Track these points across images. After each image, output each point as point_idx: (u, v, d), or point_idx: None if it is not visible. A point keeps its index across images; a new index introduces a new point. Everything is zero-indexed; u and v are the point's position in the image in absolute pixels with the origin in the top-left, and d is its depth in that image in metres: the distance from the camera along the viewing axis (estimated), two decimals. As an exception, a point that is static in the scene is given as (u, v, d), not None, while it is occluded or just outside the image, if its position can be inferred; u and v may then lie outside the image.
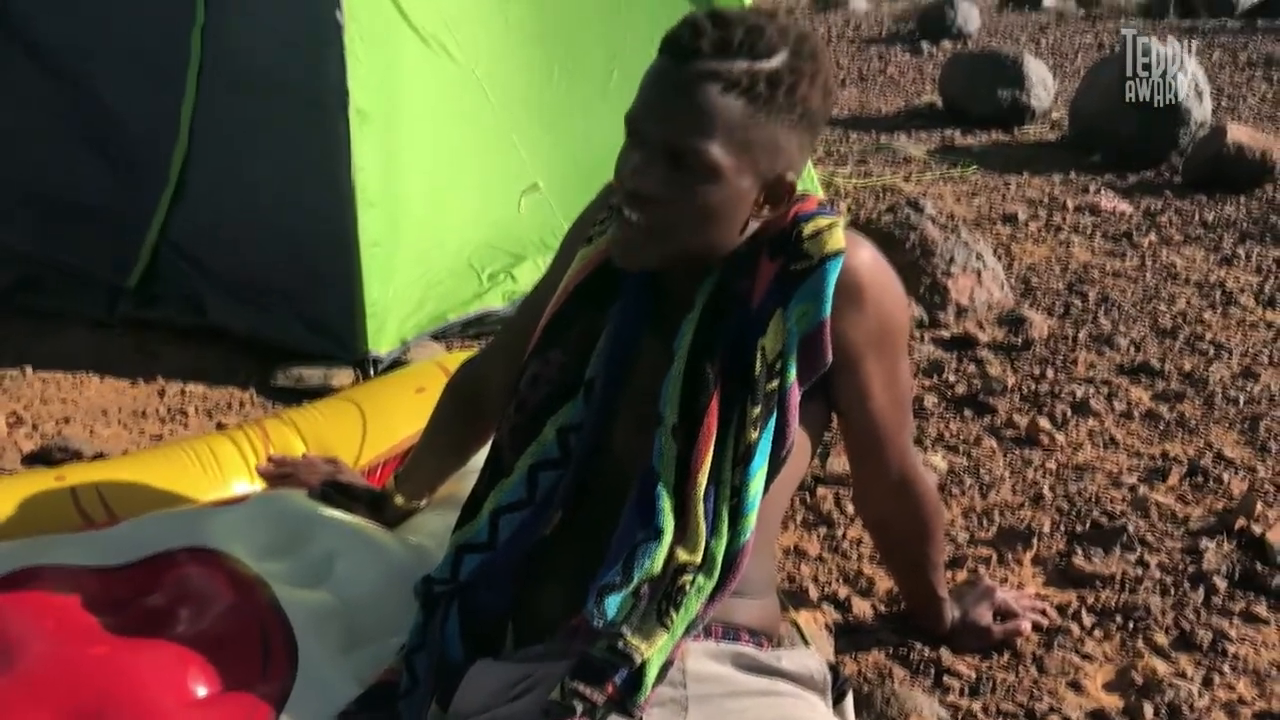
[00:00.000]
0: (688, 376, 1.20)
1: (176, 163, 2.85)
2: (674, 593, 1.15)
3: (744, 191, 1.18)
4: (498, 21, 2.99)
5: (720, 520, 1.17)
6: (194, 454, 1.64)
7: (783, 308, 1.21)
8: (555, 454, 1.27)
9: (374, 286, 2.61)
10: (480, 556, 1.27)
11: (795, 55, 1.15)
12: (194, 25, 2.80)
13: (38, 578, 1.30)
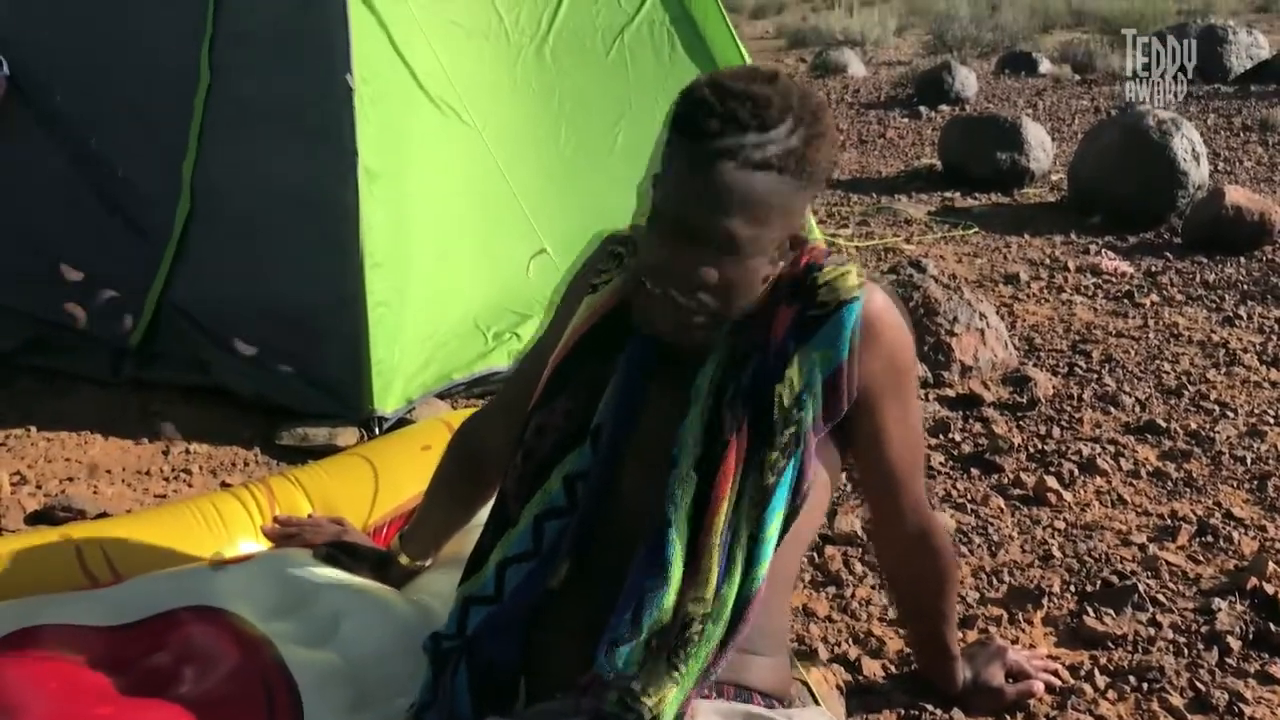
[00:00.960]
0: (706, 421, 1.21)
1: (179, 223, 2.88)
2: (683, 642, 1.14)
3: (764, 258, 1.21)
4: (506, 83, 3.05)
5: (734, 565, 1.17)
6: (199, 513, 1.63)
7: (801, 353, 1.23)
8: (562, 502, 1.27)
9: (380, 346, 2.62)
10: (487, 609, 1.27)
11: (800, 121, 1.17)
12: (198, 87, 2.85)
13: (41, 637, 1.29)
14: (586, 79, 3.22)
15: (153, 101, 2.95)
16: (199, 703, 1.24)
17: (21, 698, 1.21)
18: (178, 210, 2.87)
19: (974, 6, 13.71)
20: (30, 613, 1.33)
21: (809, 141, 1.18)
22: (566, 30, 3.20)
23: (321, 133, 2.69)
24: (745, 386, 1.22)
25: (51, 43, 3.02)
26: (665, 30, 3.36)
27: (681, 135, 1.17)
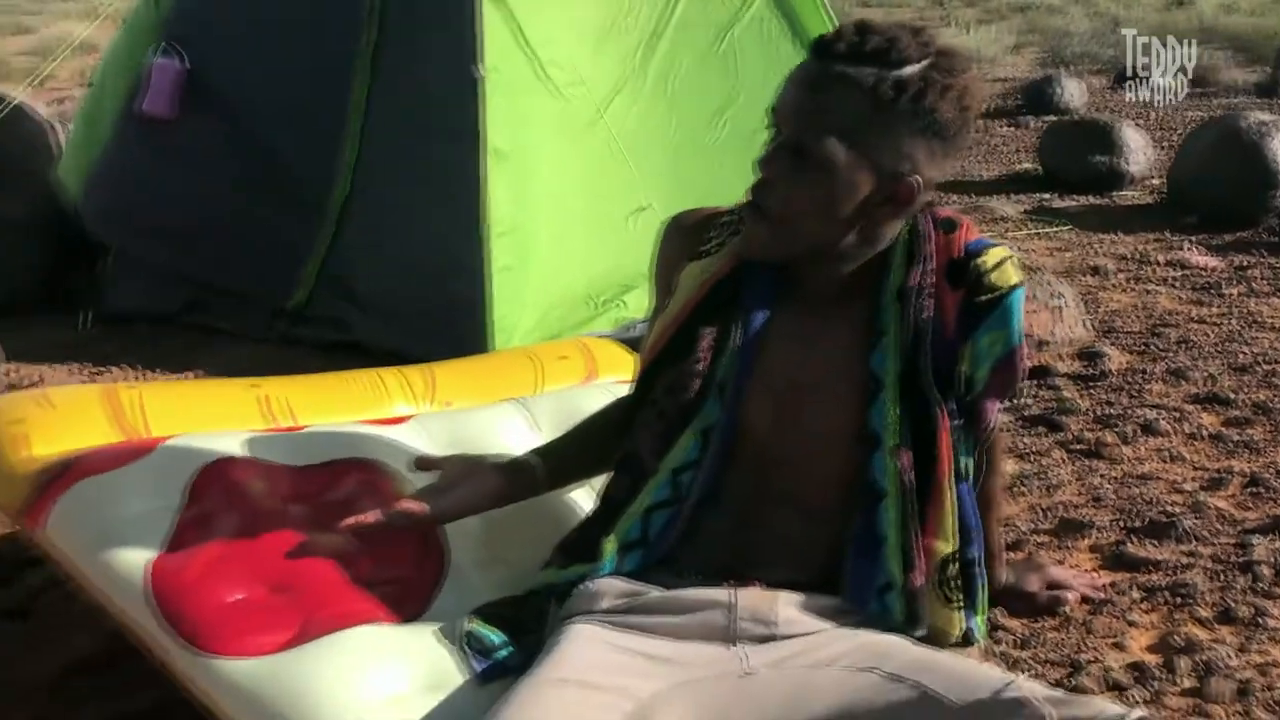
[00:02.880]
0: (897, 399, 1.34)
1: (338, 200, 3.26)
2: (945, 580, 1.36)
3: (858, 188, 1.28)
4: (621, 73, 3.35)
5: None
6: (368, 380, 1.96)
7: (971, 337, 1.33)
8: (695, 455, 1.40)
9: (501, 306, 2.95)
10: (639, 553, 1.41)
11: (929, 67, 1.25)
12: (355, 80, 3.23)
13: (239, 466, 1.60)
14: (697, 71, 3.50)
15: (315, 93, 3.33)
16: (365, 535, 1.54)
17: (221, 512, 1.52)
18: (336, 190, 3.25)
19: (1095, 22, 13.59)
20: (227, 444, 1.64)
21: (932, 86, 1.24)
22: (682, 25, 3.49)
23: (455, 119, 3.03)
24: (930, 367, 1.33)
25: (227, 40, 3.43)
26: (771, 25, 3.63)
27: (810, 53, 1.28)
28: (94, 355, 3.17)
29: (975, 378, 1.36)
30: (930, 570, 1.37)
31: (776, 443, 1.39)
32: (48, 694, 1.67)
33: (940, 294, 1.35)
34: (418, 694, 1.36)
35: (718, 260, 1.42)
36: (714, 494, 1.40)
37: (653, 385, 1.44)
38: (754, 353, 1.39)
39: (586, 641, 1.33)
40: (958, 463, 1.38)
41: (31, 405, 1.71)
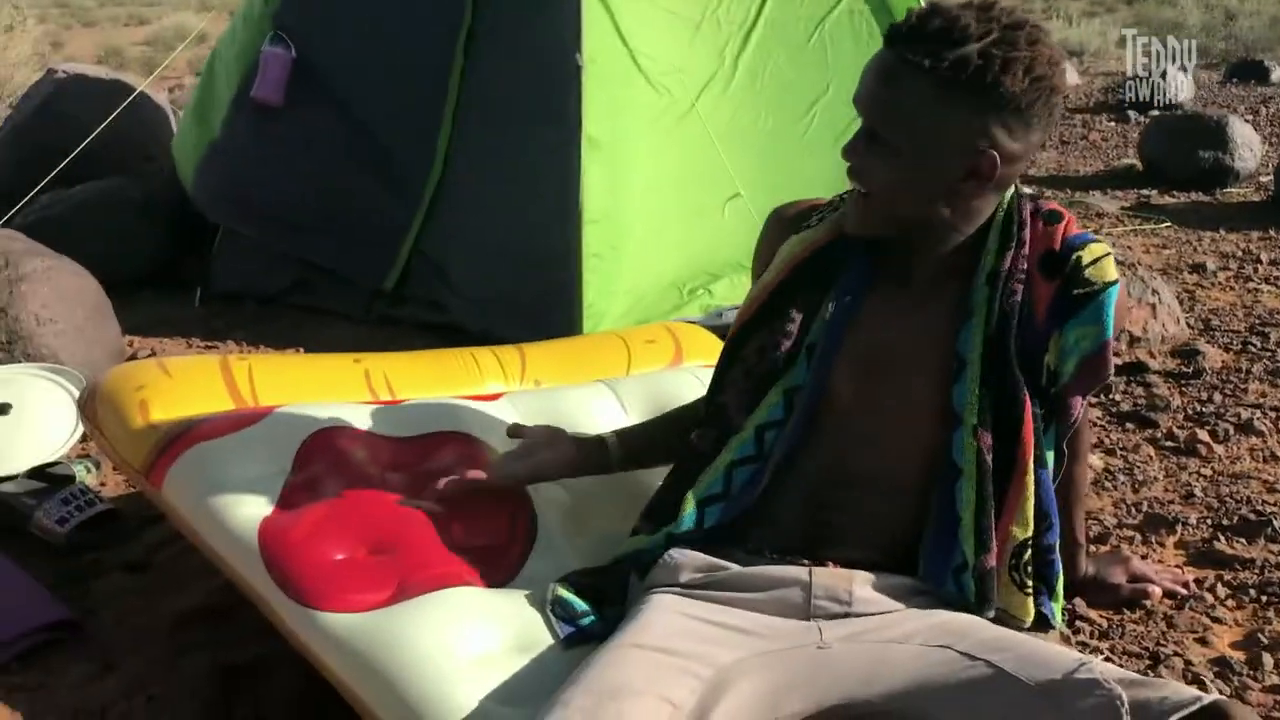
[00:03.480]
0: (982, 380, 1.37)
1: (431, 185, 3.36)
2: (1019, 565, 1.39)
3: (938, 167, 1.32)
4: (714, 66, 3.39)
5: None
6: (462, 358, 2.04)
7: (1061, 329, 1.36)
8: (781, 414, 1.46)
9: (593, 291, 3.01)
10: (721, 506, 1.47)
11: (991, 43, 1.26)
12: (453, 68, 3.32)
13: (343, 435, 1.69)
14: (788, 64, 3.52)
15: (412, 81, 3.43)
16: (460, 504, 1.62)
17: (328, 477, 1.62)
18: (430, 175, 3.35)
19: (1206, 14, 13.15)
20: (332, 414, 1.74)
21: (993, 61, 1.26)
22: (772, 19, 3.52)
23: (552, 107, 3.10)
24: (1016, 353, 1.36)
25: (331, 29, 3.56)
26: (864, 19, 3.63)
27: (884, 41, 1.33)
28: (205, 331, 3.33)
29: (1062, 370, 1.38)
30: (1005, 554, 1.39)
31: (859, 413, 1.42)
32: (163, 642, 1.77)
33: (1033, 283, 1.37)
34: (506, 654, 1.43)
35: (818, 230, 1.49)
36: (795, 458, 1.44)
37: (744, 345, 1.49)
38: (846, 322, 1.43)
39: (667, 611, 1.38)
40: (1039, 449, 1.40)
41: (151, 373, 1.82)
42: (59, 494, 2.11)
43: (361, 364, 1.96)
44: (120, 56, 15.29)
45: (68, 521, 2.06)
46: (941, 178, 1.34)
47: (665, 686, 1.24)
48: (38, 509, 2.08)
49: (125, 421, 1.73)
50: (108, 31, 20.09)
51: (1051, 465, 1.43)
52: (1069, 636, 1.71)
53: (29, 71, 8.89)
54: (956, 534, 1.39)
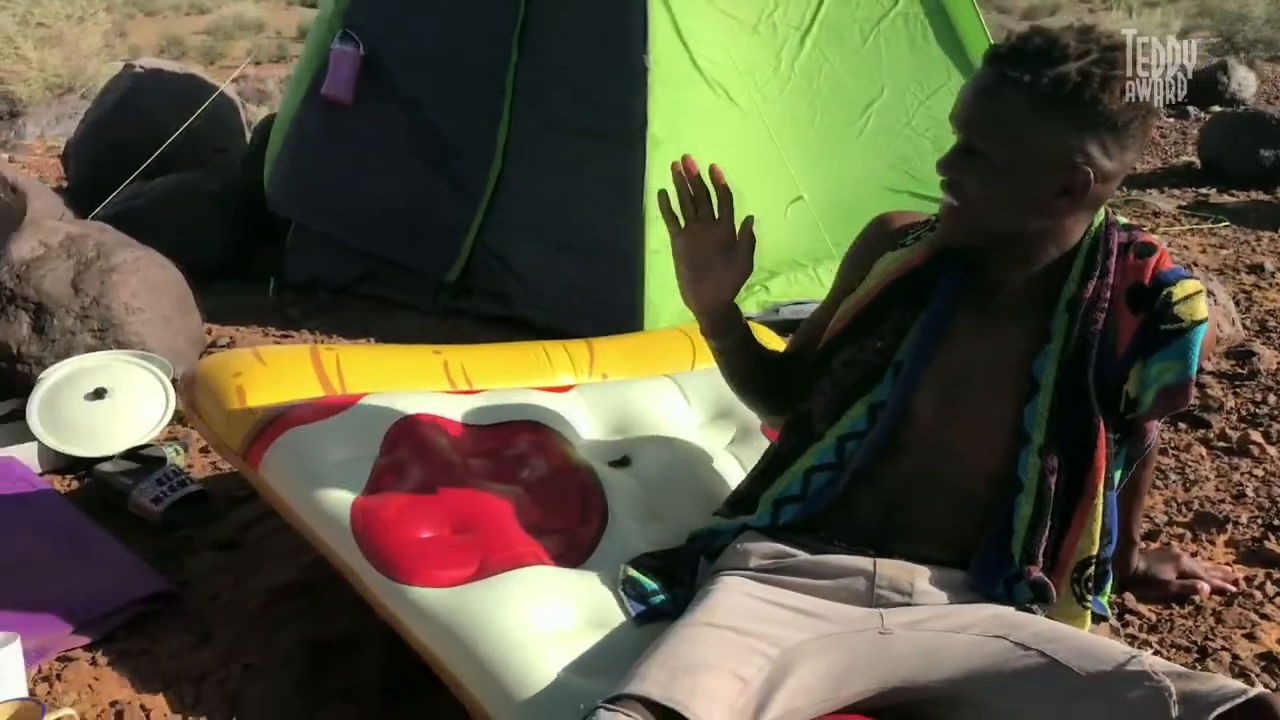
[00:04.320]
0: (1053, 403, 1.42)
1: (492, 179, 3.46)
2: (1083, 579, 1.46)
3: (1033, 183, 1.36)
4: (770, 67, 3.46)
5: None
6: (534, 351, 2.15)
7: (1144, 361, 1.39)
8: (863, 427, 1.52)
9: (653, 288, 3.09)
10: (797, 507, 1.55)
11: (1091, 62, 1.31)
12: (509, 64, 3.41)
13: (426, 422, 1.80)
14: (843, 66, 3.58)
15: (472, 78, 3.53)
16: (536, 489, 1.72)
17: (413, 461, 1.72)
18: (491, 169, 3.45)
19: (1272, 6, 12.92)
20: (416, 403, 1.85)
21: (1091, 80, 1.30)
22: (828, 22, 3.58)
23: (615, 105, 3.19)
24: (1093, 379, 1.39)
25: (396, 29, 3.67)
26: (919, 22, 3.67)
27: (983, 60, 1.39)
28: (280, 320, 3.46)
29: (1140, 400, 1.42)
30: (1067, 570, 1.45)
31: (937, 427, 1.48)
32: (256, 615, 1.89)
33: (1117, 313, 1.41)
34: (581, 630, 1.53)
35: (914, 250, 1.54)
36: (872, 467, 1.50)
37: (833, 356, 1.56)
38: (933, 341, 1.49)
39: (736, 592, 1.46)
40: (1109, 472, 1.45)
41: (247, 361, 1.94)
42: (154, 474, 2.24)
43: (441, 355, 2.07)
44: (181, 45, 15.60)
45: (162, 500, 2.18)
46: (1036, 192, 1.37)
47: (736, 663, 1.32)
48: (134, 488, 2.21)
49: (223, 406, 1.85)
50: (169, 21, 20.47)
51: (1118, 483, 1.48)
52: (1119, 629, 1.76)
53: (98, 62, 9.17)
54: (1009, 545, 1.45)
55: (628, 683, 1.27)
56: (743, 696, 1.29)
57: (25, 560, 2.00)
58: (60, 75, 8.64)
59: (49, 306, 2.75)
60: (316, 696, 1.69)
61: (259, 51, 14.49)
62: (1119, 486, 1.48)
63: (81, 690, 1.72)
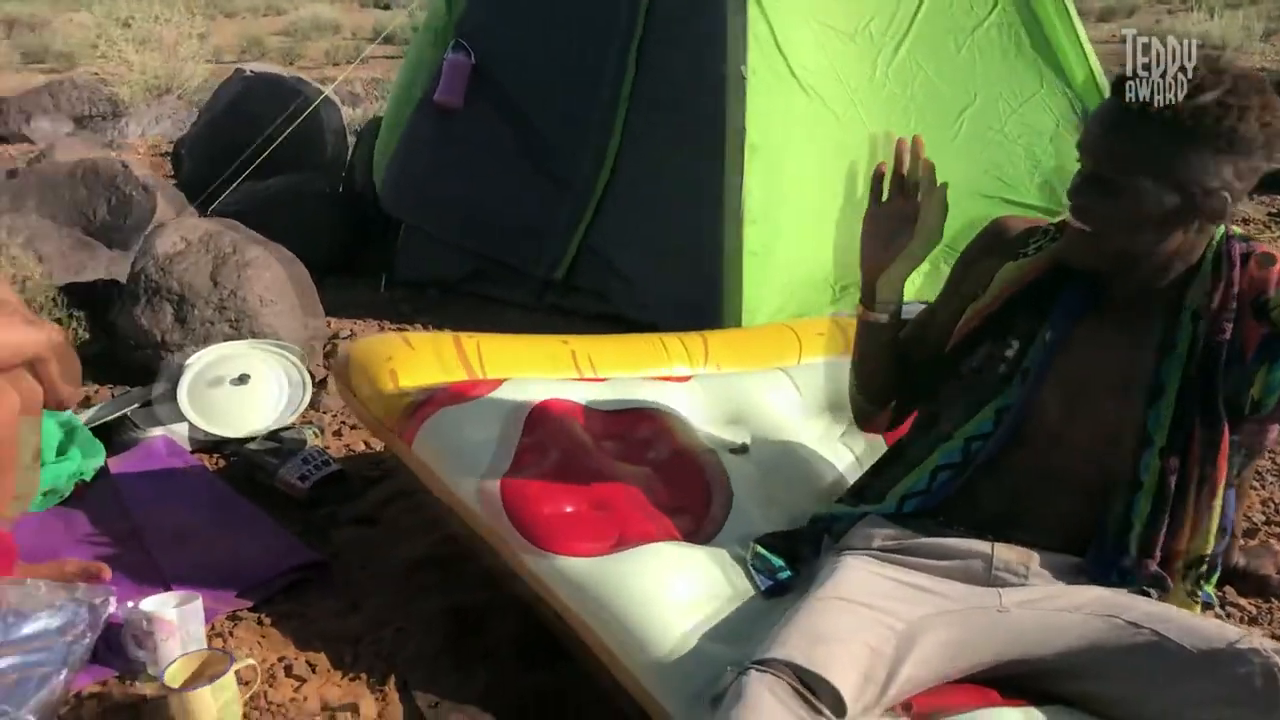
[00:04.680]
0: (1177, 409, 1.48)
1: (600, 183, 3.61)
2: (1195, 575, 1.54)
3: (1166, 210, 1.41)
4: (865, 75, 3.55)
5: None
6: (652, 343, 2.30)
7: (1270, 366, 1.45)
8: (989, 429, 1.57)
9: (750, 287, 3.22)
10: (920, 499, 1.64)
11: (1226, 92, 1.36)
12: (624, 78, 3.56)
13: (562, 406, 1.96)
14: (937, 73, 3.66)
15: (580, 85, 3.68)
16: (663, 470, 1.85)
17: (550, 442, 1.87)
18: (599, 174, 3.60)
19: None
20: (552, 389, 2.00)
21: (1229, 110, 1.35)
22: (923, 31, 3.66)
23: (716, 113, 3.31)
24: (1215, 385, 1.46)
25: (509, 37, 3.83)
26: (1013, 32, 3.74)
27: (1111, 91, 1.45)
28: (393, 314, 3.63)
29: (1264, 402, 1.47)
30: (1180, 563, 1.53)
31: (1061, 430, 1.57)
32: (399, 585, 2.05)
33: (1241, 321, 1.47)
34: (711, 600, 1.66)
35: (1036, 260, 1.62)
36: (995, 464, 1.60)
37: (959, 361, 1.65)
38: (1059, 348, 1.57)
39: (861, 570, 1.57)
40: (1229, 472, 1.52)
41: (397, 346, 2.10)
42: (298, 455, 2.41)
43: (568, 345, 2.22)
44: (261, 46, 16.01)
45: (308, 479, 2.35)
46: (1171, 218, 1.43)
47: (867, 634, 1.43)
48: (281, 467, 2.39)
49: (378, 387, 2.01)
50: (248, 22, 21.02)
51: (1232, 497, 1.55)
52: (1224, 617, 1.85)
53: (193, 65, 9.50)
54: (1126, 539, 1.53)
55: (770, 647, 1.38)
56: (873, 665, 1.40)
57: (191, 530, 2.18)
58: (159, 77, 8.96)
59: (190, 298, 2.95)
60: (460, 658, 1.84)
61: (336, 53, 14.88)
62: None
63: (251, 646, 1.89)
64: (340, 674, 1.83)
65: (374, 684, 1.80)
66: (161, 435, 2.56)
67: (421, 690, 1.77)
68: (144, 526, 2.21)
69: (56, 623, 1.84)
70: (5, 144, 7.79)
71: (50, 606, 1.86)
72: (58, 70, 13.46)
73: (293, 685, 1.81)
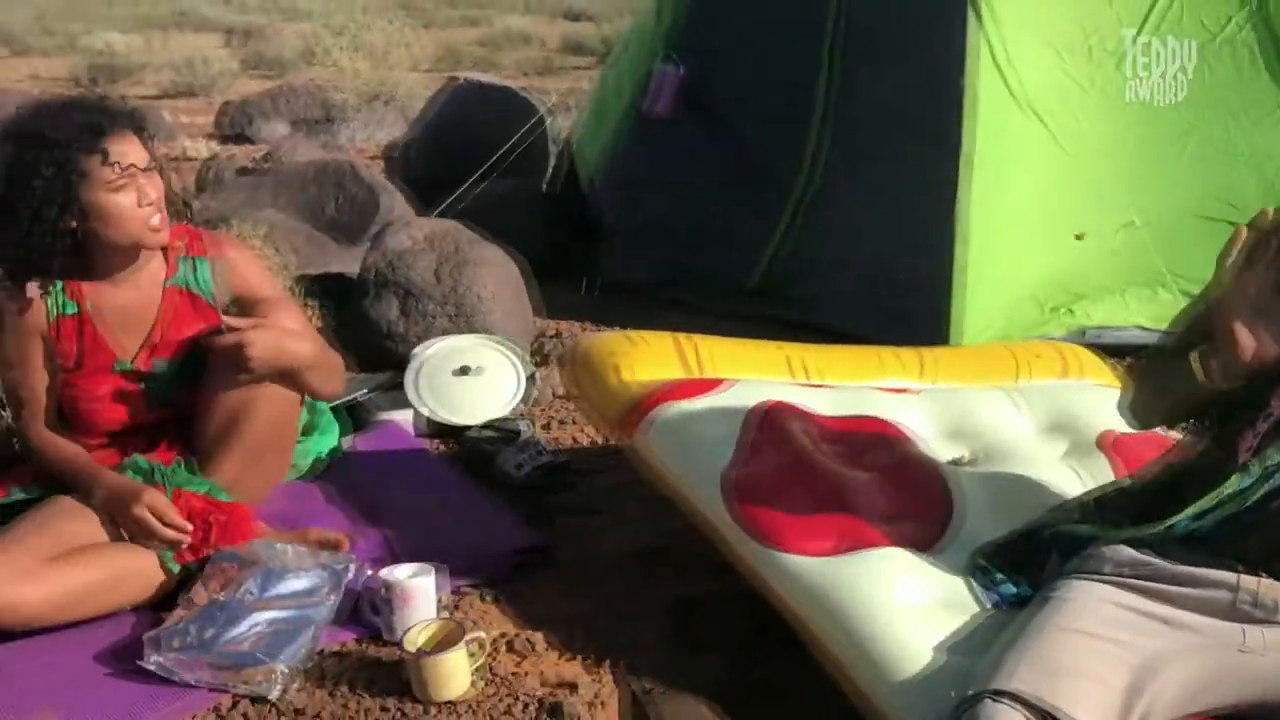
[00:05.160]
0: None
1: (799, 192, 3.63)
2: None
3: None
4: (1082, 93, 3.47)
5: None
6: (867, 354, 2.35)
7: None
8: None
9: (960, 304, 3.19)
10: (1186, 523, 1.53)
11: None
12: (822, 83, 3.57)
13: (785, 409, 2.00)
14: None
15: (786, 96, 3.72)
16: (889, 475, 1.87)
17: (777, 440, 1.91)
18: (799, 181, 3.63)
19: None
20: (774, 391, 2.06)
21: None
22: (1149, 46, 3.53)
23: (932, 127, 3.30)
24: None
25: (716, 49, 3.91)
26: (1248, 50, 3.58)
27: None
28: (597, 315, 3.75)
29: None
30: None
31: None
32: (621, 573, 2.12)
33: None
34: (935, 609, 1.66)
35: None
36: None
37: (1269, 391, 1.54)
38: None
39: (1099, 599, 1.52)
40: None
41: (621, 343, 2.20)
42: (517, 444, 2.53)
43: (783, 350, 2.27)
44: (457, 55, 16.69)
45: (525, 467, 2.47)
46: None
47: (1102, 668, 1.40)
48: (501, 455, 2.51)
49: (602, 381, 2.10)
50: (445, 33, 21.96)
51: None
52: None
53: (400, 72, 10.02)
54: None
55: (1004, 676, 1.36)
56: (1110, 701, 1.37)
57: (423, 508, 2.32)
58: (370, 84, 9.49)
59: (415, 292, 3.13)
60: (680, 647, 1.90)
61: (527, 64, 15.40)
62: None
63: (477, 620, 1.99)
64: (559, 654, 1.92)
65: (592, 666, 1.87)
66: (393, 419, 2.73)
67: (640, 676, 1.83)
68: (378, 502, 2.36)
69: (304, 584, 1.99)
70: (233, 144, 8.40)
71: (299, 569, 2.02)
72: (273, 77, 14.41)
73: (514, 661, 1.90)
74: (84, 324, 2.12)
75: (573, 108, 7.93)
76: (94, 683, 1.82)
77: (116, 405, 2.15)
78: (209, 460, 2.14)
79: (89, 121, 1.99)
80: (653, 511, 2.26)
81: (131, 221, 2.03)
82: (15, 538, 1.94)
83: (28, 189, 1.96)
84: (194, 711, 1.77)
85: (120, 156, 2.00)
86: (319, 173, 4.31)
